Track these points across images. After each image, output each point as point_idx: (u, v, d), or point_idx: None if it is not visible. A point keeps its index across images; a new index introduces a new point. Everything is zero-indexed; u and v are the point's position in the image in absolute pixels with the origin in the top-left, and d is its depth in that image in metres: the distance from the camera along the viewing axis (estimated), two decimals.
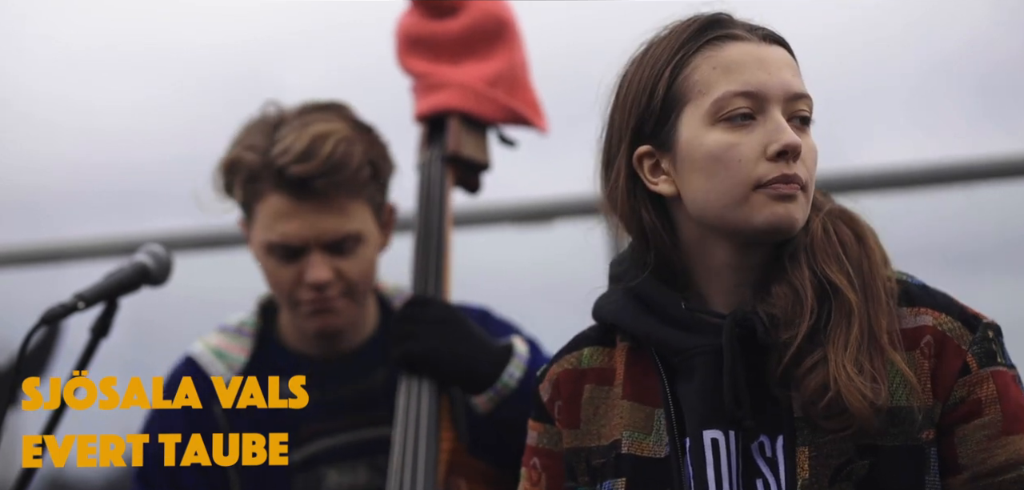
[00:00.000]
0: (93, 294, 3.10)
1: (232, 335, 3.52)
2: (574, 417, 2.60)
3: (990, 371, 2.39)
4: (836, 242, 2.45)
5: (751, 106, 2.44)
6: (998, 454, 2.37)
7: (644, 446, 2.48)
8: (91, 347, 3.13)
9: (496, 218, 5.02)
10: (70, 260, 5.35)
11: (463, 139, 3.59)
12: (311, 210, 3.34)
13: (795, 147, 2.41)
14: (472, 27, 3.64)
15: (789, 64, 2.48)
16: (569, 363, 2.63)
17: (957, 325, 2.41)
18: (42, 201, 6.35)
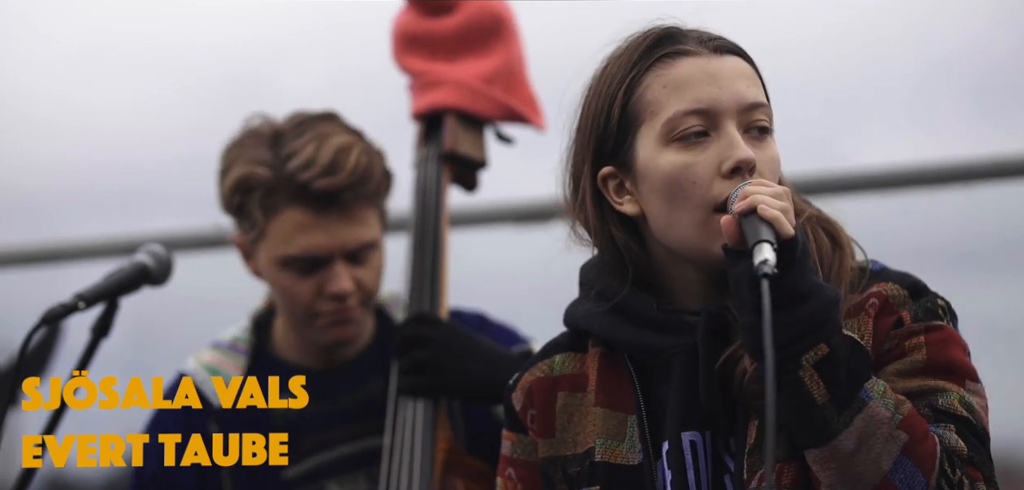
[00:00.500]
0: (93, 294, 3.10)
1: (226, 352, 3.51)
2: (548, 426, 2.59)
3: (924, 325, 2.39)
4: (813, 248, 2.43)
5: (703, 123, 2.43)
6: (910, 384, 2.36)
7: (617, 453, 2.49)
8: (91, 347, 3.13)
9: (494, 218, 5.01)
10: (70, 260, 5.35)
11: (460, 137, 3.59)
12: (334, 222, 3.34)
13: (748, 162, 2.40)
14: (468, 24, 3.64)
15: (744, 74, 2.46)
16: (541, 371, 2.63)
17: (902, 293, 2.41)
18: (42, 201, 6.36)
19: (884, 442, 2.27)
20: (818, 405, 2.29)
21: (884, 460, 2.27)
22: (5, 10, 6.73)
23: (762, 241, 2.26)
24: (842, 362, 2.28)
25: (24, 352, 3.01)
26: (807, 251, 2.32)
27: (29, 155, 6.61)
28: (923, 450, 2.28)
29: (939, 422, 2.32)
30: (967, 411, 2.35)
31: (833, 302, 2.30)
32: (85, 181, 6.46)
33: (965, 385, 2.37)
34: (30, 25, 6.74)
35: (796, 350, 2.29)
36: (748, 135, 2.43)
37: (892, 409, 2.28)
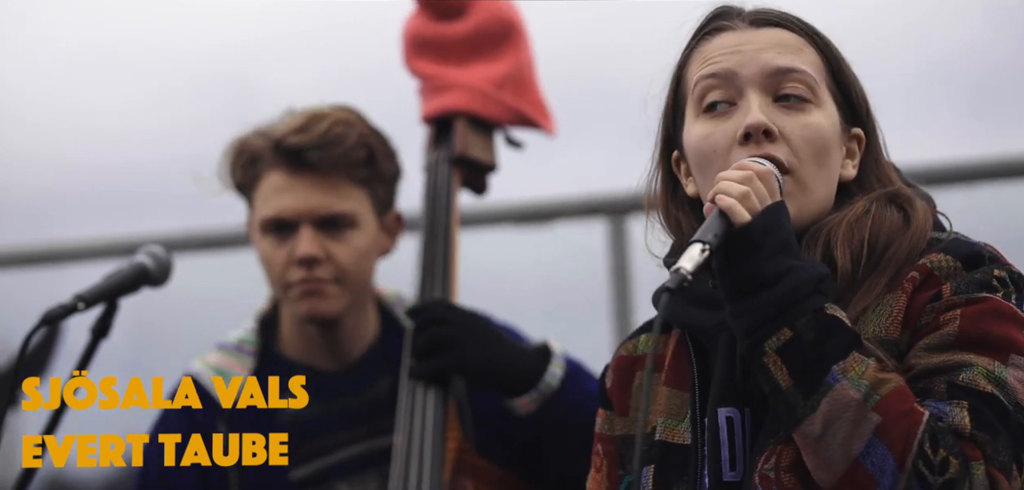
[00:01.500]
0: (93, 295, 3.10)
1: (232, 353, 3.51)
2: (624, 404, 2.60)
3: (965, 298, 2.32)
4: (866, 223, 2.39)
5: (726, 93, 2.43)
6: (933, 359, 2.30)
7: (676, 433, 2.48)
8: (91, 348, 3.13)
9: (496, 219, 5.02)
10: (70, 261, 5.35)
11: (470, 140, 3.60)
12: (305, 185, 3.38)
13: (756, 126, 2.38)
14: (479, 29, 3.64)
15: (777, 43, 2.44)
16: (626, 349, 2.64)
17: (952, 264, 2.35)
18: (42, 202, 6.35)
19: (852, 425, 2.23)
20: (783, 390, 2.27)
21: (854, 443, 2.24)
22: (5, 12, 6.73)
23: (694, 241, 2.27)
24: (809, 346, 2.26)
25: (24, 353, 3.01)
26: (774, 233, 2.29)
27: (28, 156, 6.61)
28: (897, 432, 2.23)
29: (952, 399, 2.26)
30: (994, 386, 2.27)
31: (804, 284, 2.27)
32: (85, 182, 6.46)
33: (1007, 358, 2.29)
34: (29, 26, 6.74)
35: (758, 337, 2.28)
36: (778, 104, 2.41)
37: (865, 390, 2.24)
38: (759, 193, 2.32)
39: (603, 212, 4.95)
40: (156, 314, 4.29)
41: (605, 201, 4.95)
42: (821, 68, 2.46)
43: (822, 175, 2.43)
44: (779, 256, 2.29)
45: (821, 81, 2.45)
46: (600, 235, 4.94)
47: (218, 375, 3.46)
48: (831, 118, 2.44)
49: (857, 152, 2.49)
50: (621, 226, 4.91)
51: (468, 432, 3.42)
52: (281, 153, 3.38)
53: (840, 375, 2.25)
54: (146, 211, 6.08)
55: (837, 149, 2.45)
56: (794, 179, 2.40)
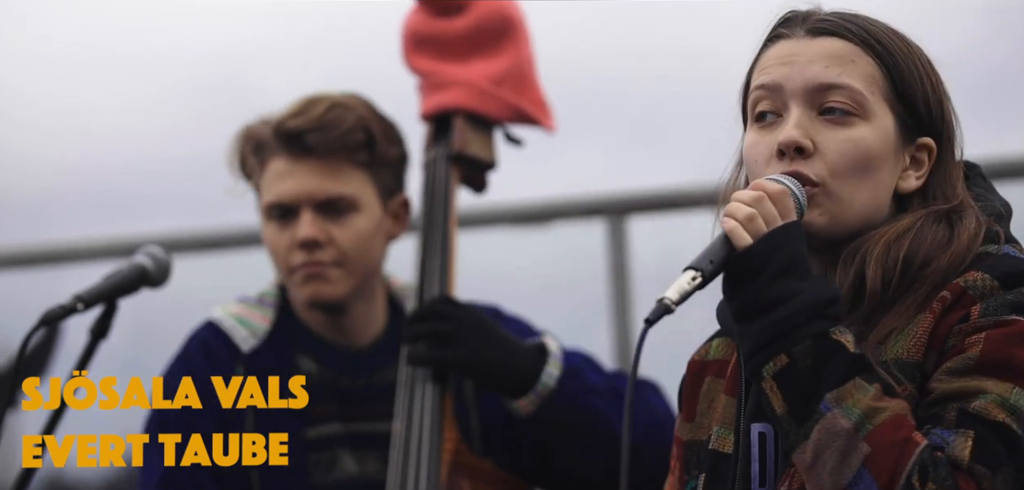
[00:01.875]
0: (92, 295, 3.10)
1: (253, 305, 3.53)
2: (691, 410, 2.58)
3: (992, 320, 2.27)
4: (905, 242, 2.35)
5: (771, 103, 2.41)
6: (952, 385, 2.25)
7: (726, 442, 2.46)
8: (90, 348, 3.14)
9: (494, 219, 5.02)
10: (69, 262, 5.36)
11: (469, 138, 3.59)
12: (305, 169, 3.41)
13: (787, 143, 2.36)
14: (478, 25, 3.64)
15: (828, 55, 2.40)
16: (698, 354, 2.62)
17: (989, 283, 2.30)
18: (41, 203, 6.36)
19: (841, 455, 2.21)
20: (778, 416, 2.27)
21: (843, 473, 2.22)
22: (4, 11, 6.73)
23: (687, 268, 2.26)
24: (804, 373, 2.24)
25: (23, 353, 3.02)
26: (777, 257, 2.27)
27: (28, 156, 6.61)
28: (885, 463, 2.20)
29: (960, 427, 2.22)
30: (1008, 414, 2.20)
31: (804, 309, 2.25)
32: (84, 182, 6.46)
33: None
34: (29, 26, 6.75)
35: (756, 362, 2.27)
36: (822, 117, 2.39)
37: (857, 419, 2.21)
38: (767, 215, 2.30)
39: (602, 212, 4.95)
40: (155, 315, 4.29)
41: (604, 201, 4.96)
42: (876, 79, 2.40)
43: (863, 188, 2.38)
44: (781, 280, 2.27)
45: (874, 92, 2.40)
46: (599, 235, 4.94)
47: (242, 325, 3.48)
48: (881, 131, 2.39)
49: (925, 162, 2.43)
50: (620, 226, 4.91)
51: (471, 431, 3.43)
52: (282, 138, 3.41)
53: (833, 404, 2.23)
54: (146, 211, 6.08)
55: (887, 162, 2.40)
56: (826, 192, 2.37)
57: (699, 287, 2.28)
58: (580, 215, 5.01)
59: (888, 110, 2.41)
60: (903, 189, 2.42)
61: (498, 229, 5.04)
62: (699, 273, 2.27)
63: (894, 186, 2.42)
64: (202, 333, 3.49)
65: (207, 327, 3.49)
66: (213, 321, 3.49)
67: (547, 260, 5.07)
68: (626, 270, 4.88)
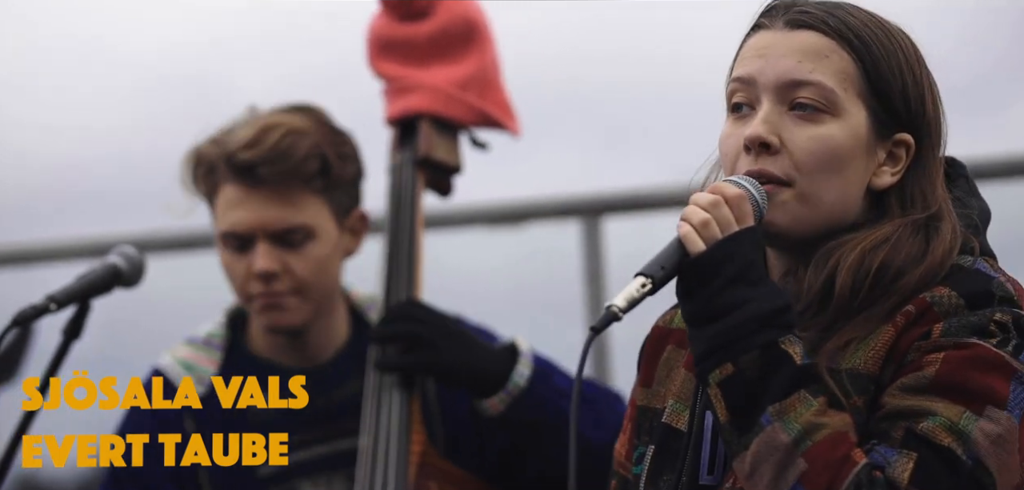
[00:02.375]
0: (65, 296, 3.09)
1: (200, 347, 3.51)
2: (649, 376, 2.59)
3: (953, 341, 2.25)
4: (881, 253, 2.32)
5: (746, 96, 2.40)
6: (904, 402, 2.24)
7: (680, 418, 2.46)
8: (63, 349, 3.12)
9: (468, 220, 5.01)
10: (42, 262, 5.33)
11: (434, 142, 3.59)
12: (259, 200, 3.37)
13: (753, 139, 2.35)
14: (442, 29, 3.63)
15: (802, 49, 2.38)
16: (663, 320, 2.62)
17: (955, 301, 2.28)
18: (14, 203, 6.33)
19: (777, 469, 2.21)
20: (721, 424, 2.27)
21: (778, 487, 2.21)
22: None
23: (637, 274, 2.26)
24: (749, 383, 2.24)
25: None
26: (729, 264, 2.27)
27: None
28: (819, 482, 2.20)
29: (904, 447, 2.21)
30: (954, 438, 2.20)
31: (753, 319, 2.25)
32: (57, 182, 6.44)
33: (982, 410, 2.21)
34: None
35: (704, 368, 2.27)
36: (793, 112, 2.37)
37: (797, 434, 2.21)
38: (723, 220, 2.29)
39: (577, 213, 4.95)
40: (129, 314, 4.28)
41: (579, 202, 4.95)
42: (850, 74, 2.38)
43: (831, 186, 2.36)
44: (732, 288, 2.26)
45: (847, 89, 2.37)
46: (574, 236, 4.94)
47: (189, 371, 3.45)
48: (851, 128, 2.37)
49: (902, 158, 2.40)
50: (595, 227, 4.91)
51: (437, 435, 3.42)
52: (233, 168, 3.37)
53: (774, 417, 2.22)
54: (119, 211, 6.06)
55: (858, 159, 2.37)
56: (795, 191, 2.36)
57: (649, 293, 2.28)
58: (555, 216, 5.01)
59: (862, 106, 2.39)
60: (877, 186, 2.40)
61: (472, 230, 5.03)
62: (649, 279, 2.27)
63: (866, 183, 2.40)
64: (148, 385, 3.47)
65: (153, 379, 3.47)
66: (159, 369, 3.48)
67: (521, 261, 5.07)
68: (600, 271, 4.88)
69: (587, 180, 5.22)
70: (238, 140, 3.36)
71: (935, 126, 2.42)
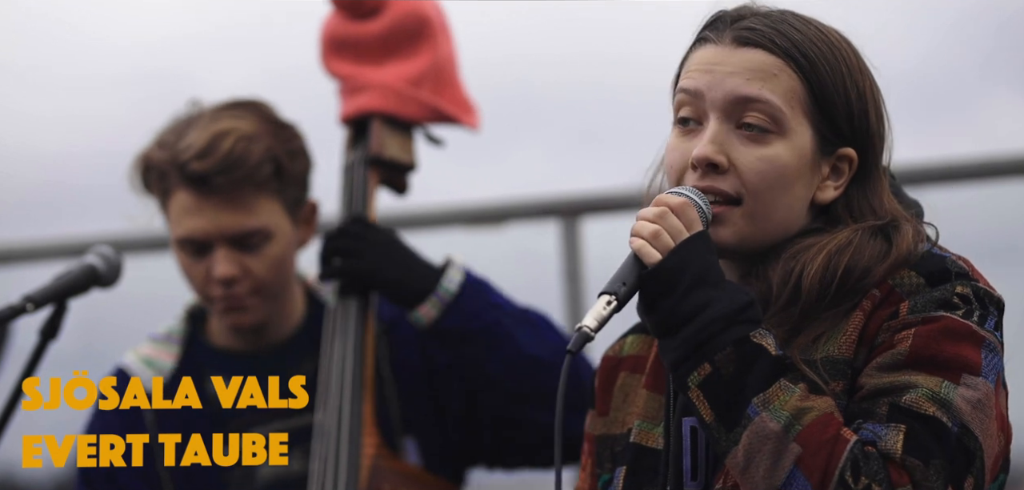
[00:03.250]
0: (42, 296, 3.09)
1: (161, 343, 3.55)
2: (605, 405, 2.61)
3: (921, 317, 2.30)
4: (846, 255, 2.36)
5: (694, 111, 2.42)
6: (882, 380, 2.29)
7: (651, 437, 2.48)
8: (40, 349, 3.12)
9: (447, 220, 5.01)
10: (18, 262, 5.32)
11: (386, 141, 3.58)
12: (214, 206, 3.38)
13: (699, 159, 2.38)
14: (393, 27, 3.62)
15: (749, 67, 2.40)
16: (612, 351, 2.64)
17: (916, 281, 2.34)
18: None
19: (772, 457, 2.24)
20: (708, 424, 2.29)
21: (776, 475, 2.24)
22: None
23: (601, 293, 2.30)
24: (728, 380, 2.27)
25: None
26: (687, 270, 2.30)
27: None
28: (816, 462, 2.23)
29: (891, 421, 2.25)
30: (938, 407, 2.25)
31: (719, 318, 2.28)
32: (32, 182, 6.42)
33: (959, 378, 2.27)
34: None
35: (680, 374, 2.30)
36: (740, 131, 2.40)
37: (786, 421, 2.24)
38: (672, 228, 2.32)
39: (555, 213, 4.95)
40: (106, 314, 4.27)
41: (557, 202, 4.96)
42: (796, 92, 2.40)
43: (779, 204, 2.40)
44: (695, 291, 2.29)
45: (793, 107, 2.40)
46: (552, 237, 4.94)
47: (148, 366, 3.49)
48: (797, 147, 2.40)
49: (845, 172, 2.44)
50: (573, 228, 4.91)
51: (392, 413, 3.44)
52: (186, 176, 3.37)
53: (760, 407, 2.25)
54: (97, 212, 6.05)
55: (805, 175, 2.41)
56: (743, 210, 2.39)
57: (615, 310, 2.31)
58: (532, 217, 5.01)
59: (807, 124, 2.41)
60: (821, 200, 2.44)
61: (451, 230, 5.03)
62: (613, 296, 2.30)
63: (811, 198, 2.43)
64: (113, 385, 3.48)
65: (116, 374, 3.51)
66: (122, 367, 3.51)
67: (499, 262, 5.07)
68: (578, 272, 4.88)
69: (566, 180, 5.23)
70: (190, 149, 3.36)
71: (878, 138, 2.46)
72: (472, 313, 3.38)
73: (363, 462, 3.37)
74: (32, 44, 6.79)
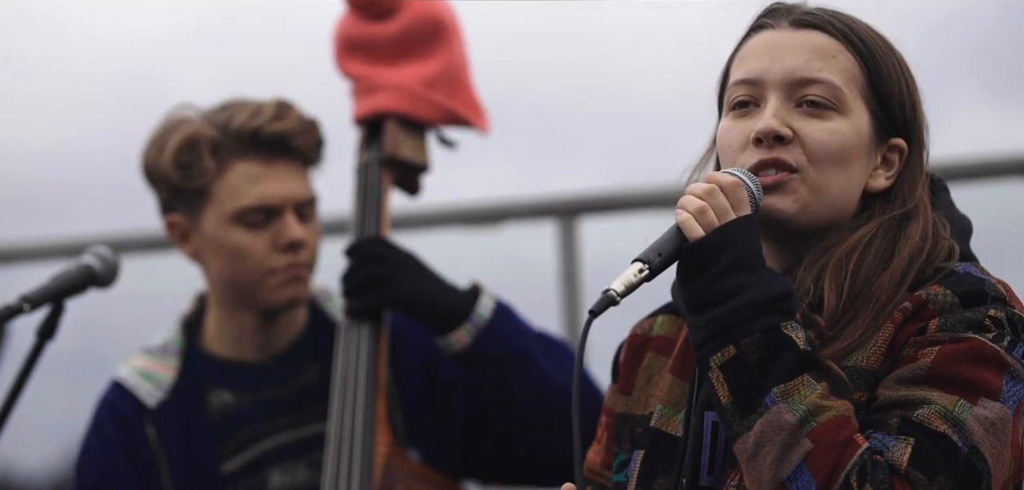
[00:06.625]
0: (39, 296, 3.09)
1: (157, 355, 3.52)
2: (629, 383, 2.60)
3: (949, 336, 2.30)
4: (852, 259, 2.37)
5: (750, 93, 2.43)
6: (899, 392, 2.28)
7: (670, 423, 2.48)
8: (37, 349, 3.11)
9: (444, 220, 5.01)
10: (16, 262, 5.32)
11: (400, 141, 3.59)
12: (284, 172, 3.42)
13: (766, 132, 2.38)
14: (409, 28, 3.63)
15: (810, 48, 2.43)
16: (640, 328, 2.63)
17: (949, 299, 2.33)
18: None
19: (782, 449, 2.24)
20: (723, 405, 2.28)
21: (783, 467, 2.24)
22: None
23: (635, 260, 2.29)
24: (752, 365, 2.27)
25: None
26: (728, 250, 2.29)
27: None
28: (825, 461, 2.23)
29: (901, 434, 2.24)
30: (949, 425, 2.24)
31: (752, 303, 2.27)
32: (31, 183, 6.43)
33: (976, 400, 2.26)
34: None
35: (704, 352, 2.29)
36: (800, 108, 2.41)
37: (802, 415, 2.24)
38: (719, 207, 2.32)
39: (553, 214, 4.95)
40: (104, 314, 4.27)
41: (555, 202, 4.96)
42: (855, 76, 2.43)
43: (837, 181, 2.41)
44: (732, 273, 2.29)
45: (852, 89, 2.42)
46: (549, 237, 4.94)
47: (147, 380, 3.47)
48: (857, 126, 2.42)
49: (895, 163, 2.46)
50: (570, 228, 4.91)
51: (396, 422, 3.43)
52: (258, 142, 3.39)
53: (779, 397, 2.25)
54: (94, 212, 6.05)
55: (862, 157, 2.43)
56: (802, 179, 2.40)
57: (646, 279, 2.30)
58: (530, 217, 5.01)
59: (865, 108, 2.44)
60: (873, 188, 2.45)
61: (448, 230, 5.03)
62: (646, 265, 2.29)
63: (864, 184, 2.44)
64: (109, 396, 3.50)
65: (114, 389, 3.50)
66: (118, 381, 3.50)
67: (497, 261, 5.07)
68: (576, 272, 4.88)
69: (563, 181, 5.23)
70: (261, 115, 3.40)
71: (923, 135, 2.48)
72: (503, 338, 3.37)
73: (376, 461, 3.37)
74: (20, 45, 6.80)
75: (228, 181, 3.40)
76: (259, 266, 3.42)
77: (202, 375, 3.48)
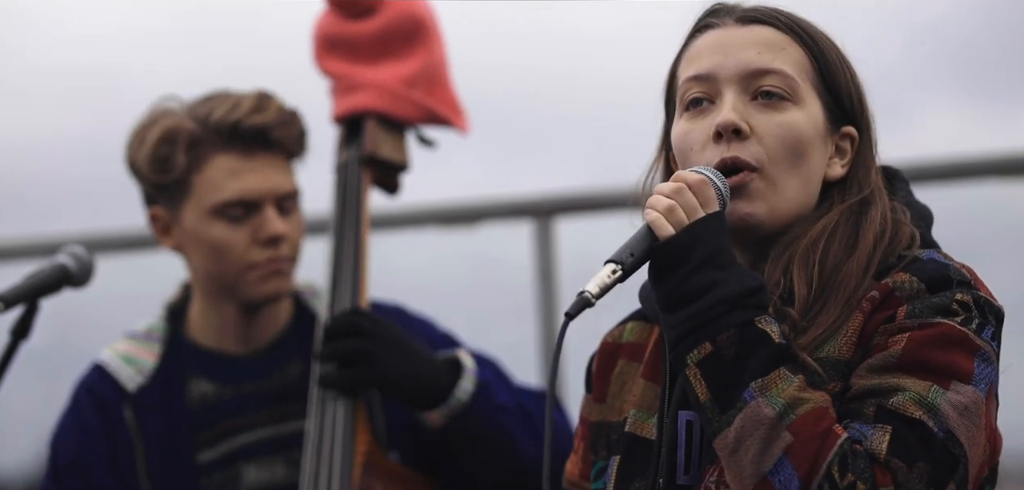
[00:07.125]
0: (13, 295, 3.08)
1: (140, 340, 3.51)
2: (602, 391, 2.62)
3: (917, 322, 2.31)
4: (819, 249, 2.40)
5: (704, 90, 2.45)
6: (871, 381, 2.30)
7: (644, 426, 2.49)
8: (11, 349, 3.11)
9: (422, 220, 5.01)
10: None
11: (380, 140, 3.59)
12: (263, 165, 3.40)
13: (725, 125, 2.40)
14: (389, 27, 3.63)
15: (759, 41, 2.45)
16: (611, 336, 2.65)
17: (916, 286, 2.35)
18: None
19: (763, 443, 2.25)
20: (701, 402, 2.30)
21: (765, 461, 2.25)
22: None
23: (607, 261, 2.30)
24: (728, 361, 2.28)
25: None
26: (698, 248, 2.31)
27: None
28: (806, 453, 2.24)
29: (877, 422, 2.26)
30: (924, 411, 2.26)
31: (726, 300, 2.29)
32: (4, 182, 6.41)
33: (948, 384, 2.28)
34: None
35: (680, 350, 2.30)
36: (756, 102, 2.42)
37: (781, 409, 2.25)
38: (688, 205, 2.33)
39: (529, 213, 4.95)
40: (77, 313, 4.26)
41: (531, 202, 4.96)
42: (806, 67, 2.46)
43: (797, 173, 2.43)
44: (703, 270, 2.30)
45: (804, 80, 2.45)
46: (526, 237, 4.94)
47: (128, 364, 3.47)
48: (811, 117, 2.45)
49: (848, 151, 2.49)
50: (547, 228, 4.91)
51: (379, 432, 3.41)
52: (237, 135, 3.37)
53: (757, 392, 2.26)
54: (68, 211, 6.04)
55: (818, 148, 2.46)
56: (763, 177, 2.42)
57: (620, 280, 2.31)
58: (507, 217, 5.01)
59: (817, 98, 2.46)
60: (830, 177, 2.47)
61: (425, 230, 5.03)
62: (619, 266, 2.31)
63: (822, 174, 2.47)
64: (89, 378, 3.49)
65: (94, 371, 3.49)
66: (99, 363, 3.49)
67: (473, 261, 5.07)
68: (552, 272, 4.88)
69: (540, 181, 5.23)
70: (241, 107, 3.39)
71: (870, 122, 2.51)
72: (478, 421, 3.34)
73: (356, 460, 3.36)
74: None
75: (208, 175, 3.39)
76: (239, 260, 3.41)
77: (184, 363, 3.47)
